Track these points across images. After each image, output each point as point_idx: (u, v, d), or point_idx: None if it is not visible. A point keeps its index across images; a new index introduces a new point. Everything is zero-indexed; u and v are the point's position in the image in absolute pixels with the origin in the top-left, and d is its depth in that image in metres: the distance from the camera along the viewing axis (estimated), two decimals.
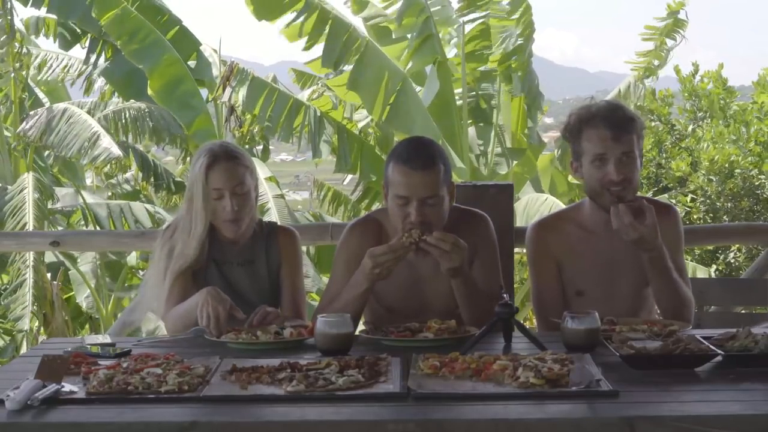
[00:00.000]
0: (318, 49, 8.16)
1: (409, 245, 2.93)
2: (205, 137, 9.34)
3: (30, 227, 7.82)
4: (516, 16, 8.59)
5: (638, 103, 9.06)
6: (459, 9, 8.94)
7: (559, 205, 7.88)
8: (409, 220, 2.99)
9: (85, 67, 10.51)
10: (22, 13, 10.26)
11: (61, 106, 9.59)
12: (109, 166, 10.26)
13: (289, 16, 8.01)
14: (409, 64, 8.82)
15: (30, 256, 7.82)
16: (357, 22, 8.80)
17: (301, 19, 7.95)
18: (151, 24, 9.28)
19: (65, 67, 10.72)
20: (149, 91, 9.28)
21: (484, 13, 8.91)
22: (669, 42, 9.20)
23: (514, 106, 8.96)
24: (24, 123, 9.42)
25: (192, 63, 9.86)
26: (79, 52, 10.65)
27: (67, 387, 2.32)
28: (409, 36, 8.98)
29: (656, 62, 9.22)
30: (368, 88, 7.97)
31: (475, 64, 9.17)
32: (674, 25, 9.09)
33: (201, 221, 3.15)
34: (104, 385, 2.32)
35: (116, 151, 8.65)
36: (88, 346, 2.79)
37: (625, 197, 3.06)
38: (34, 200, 8.07)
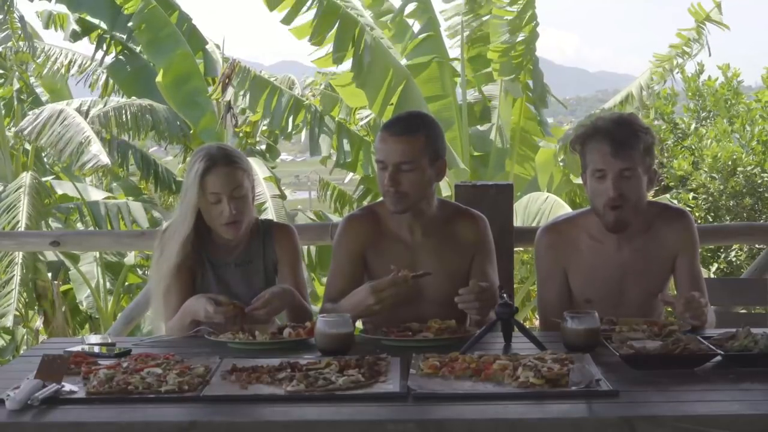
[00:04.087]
0: (325, 45, 8.09)
1: (412, 277, 2.95)
2: (211, 136, 9.38)
3: (22, 226, 7.80)
4: (517, 9, 8.54)
5: (647, 102, 8.97)
6: (465, 11, 8.94)
7: (560, 203, 7.86)
8: (384, 185, 3.09)
9: (90, 62, 10.53)
10: (33, 7, 10.36)
11: (58, 106, 9.60)
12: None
13: (299, 10, 7.91)
14: (404, 61, 8.80)
15: (19, 255, 7.80)
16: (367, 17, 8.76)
17: (311, 13, 7.89)
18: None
19: (69, 62, 10.72)
20: (159, 80, 9.28)
21: (487, 16, 8.90)
22: (694, 44, 9.05)
23: (516, 105, 8.93)
24: (22, 122, 9.43)
25: (198, 61, 9.89)
26: (84, 47, 10.70)
27: (67, 387, 2.32)
28: (411, 34, 8.98)
29: (680, 60, 9.11)
30: (373, 84, 7.95)
31: (478, 65, 9.16)
32: (699, 31, 8.95)
33: (187, 222, 3.15)
34: (104, 385, 2.32)
35: (104, 159, 8.62)
36: (89, 346, 2.79)
37: (624, 218, 3.03)
38: (28, 199, 8.07)
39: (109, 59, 10.39)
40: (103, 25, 10.13)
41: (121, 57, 10.35)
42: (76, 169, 8.89)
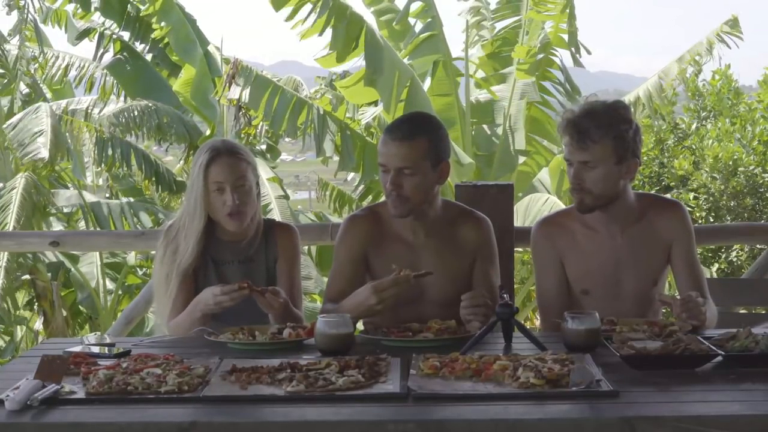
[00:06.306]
0: (325, 42, 8.06)
1: (414, 277, 2.95)
2: (221, 135, 9.43)
3: (10, 227, 7.78)
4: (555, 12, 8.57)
5: (657, 102, 8.97)
6: (494, 10, 8.98)
7: (559, 204, 7.86)
8: (386, 188, 3.09)
9: (91, 63, 10.53)
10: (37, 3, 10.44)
11: (41, 104, 9.60)
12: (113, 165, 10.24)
13: (305, 8, 7.87)
14: (408, 60, 8.80)
15: (3, 258, 7.78)
16: (369, 17, 8.76)
17: (317, 13, 7.84)
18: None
19: (67, 66, 10.71)
20: (180, 79, 9.32)
21: (515, 17, 8.93)
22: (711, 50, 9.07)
23: (528, 106, 8.91)
24: (12, 119, 9.46)
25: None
26: (82, 50, 10.74)
27: (67, 387, 2.32)
28: (413, 33, 8.99)
29: (691, 69, 9.15)
30: (384, 83, 7.95)
31: (496, 64, 9.17)
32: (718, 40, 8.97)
33: (198, 216, 3.16)
34: (104, 385, 2.32)
35: (43, 153, 8.62)
36: (88, 346, 2.79)
37: (585, 203, 3.09)
38: (20, 200, 8.05)
39: (109, 58, 10.40)
40: (110, 24, 10.16)
41: (121, 56, 10.36)
42: (20, 159, 8.93)
